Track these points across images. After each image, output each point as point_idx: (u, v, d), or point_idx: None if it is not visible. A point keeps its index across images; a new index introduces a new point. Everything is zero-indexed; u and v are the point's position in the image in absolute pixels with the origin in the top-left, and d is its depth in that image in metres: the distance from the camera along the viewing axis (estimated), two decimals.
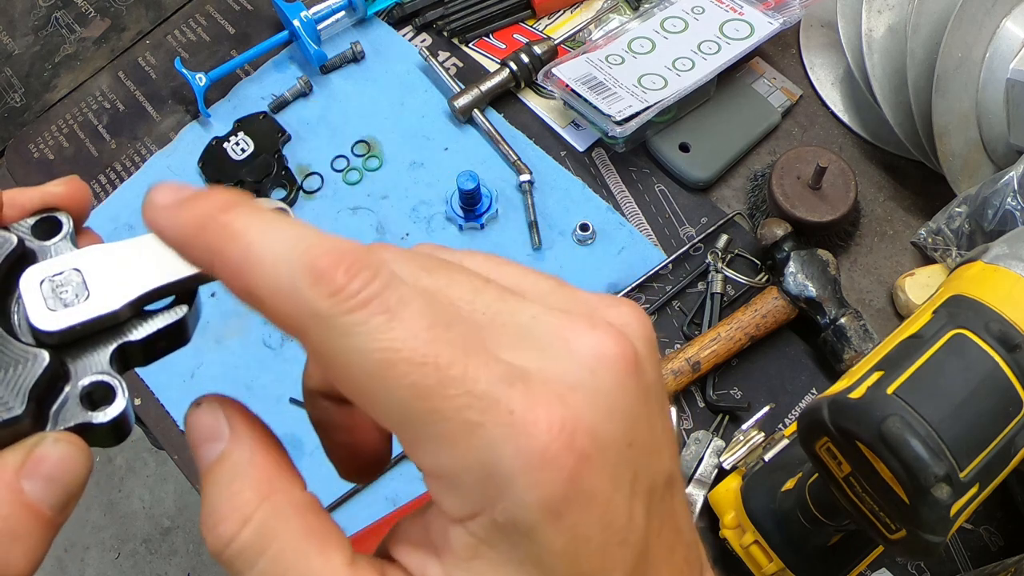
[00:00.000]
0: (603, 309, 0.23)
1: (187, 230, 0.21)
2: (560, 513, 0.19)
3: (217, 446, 0.22)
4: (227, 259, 0.20)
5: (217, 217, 0.20)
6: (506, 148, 0.85)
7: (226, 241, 0.20)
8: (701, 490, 0.69)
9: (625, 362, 0.21)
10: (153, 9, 0.99)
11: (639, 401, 0.21)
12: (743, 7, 0.87)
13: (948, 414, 0.42)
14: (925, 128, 0.77)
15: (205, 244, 0.21)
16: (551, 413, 0.19)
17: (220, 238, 0.20)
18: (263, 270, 0.20)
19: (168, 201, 0.21)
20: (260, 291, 0.20)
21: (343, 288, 0.19)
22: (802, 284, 0.73)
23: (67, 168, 0.89)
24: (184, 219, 0.21)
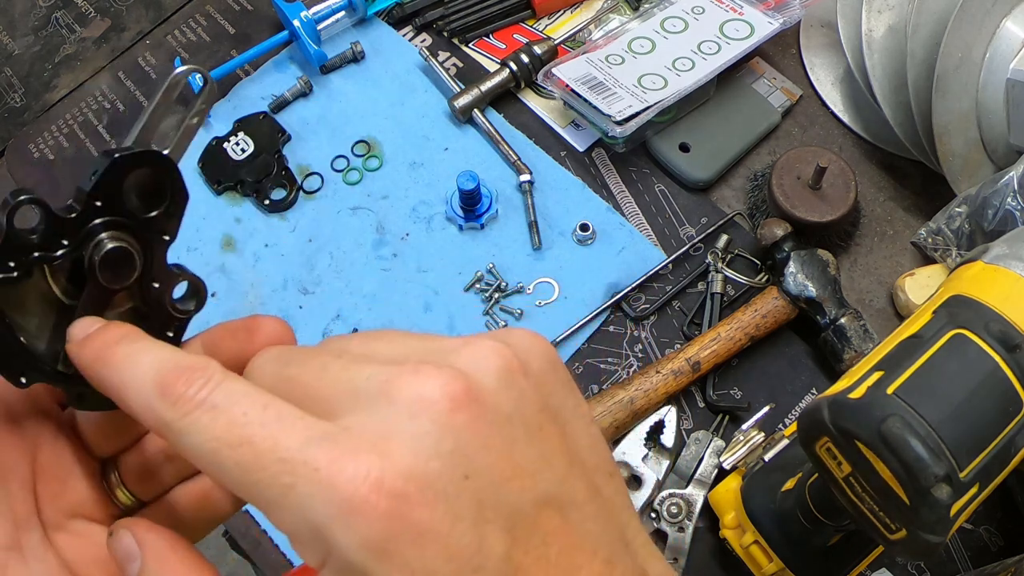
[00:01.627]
0: (452, 353, 0.25)
1: (85, 363, 0.28)
2: (388, 551, 0.21)
3: (134, 565, 0.26)
4: (109, 386, 0.27)
5: (102, 352, 0.27)
6: (506, 148, 0.85)
7: (107, 371, 0.27)
8: (701, 490, 0.69)
9: (451, 401, 0.23)
10: (153, 9, 0.99)
11: (477, 434, 0.23)
12: (743, 7, 0.87)
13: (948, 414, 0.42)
14: (925, 128, 0.77)
15: (96, 374, 0.27)
16: (357, 463, 0.22)
17: (104, 368, 0.27)
18: (130, 393, 0.25)
19: (78, 337, 0.28)
20: (132, 408, 0.25)
21: (182, 395, 0.24)
22: (802, 284, 0.73)
23: (67, 168, 0.89)
24: (84, 354, 0.28)
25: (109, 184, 0.29)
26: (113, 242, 0.29)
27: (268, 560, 0.70)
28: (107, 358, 0.27)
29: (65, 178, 0.89)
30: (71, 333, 0.28)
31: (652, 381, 0.71)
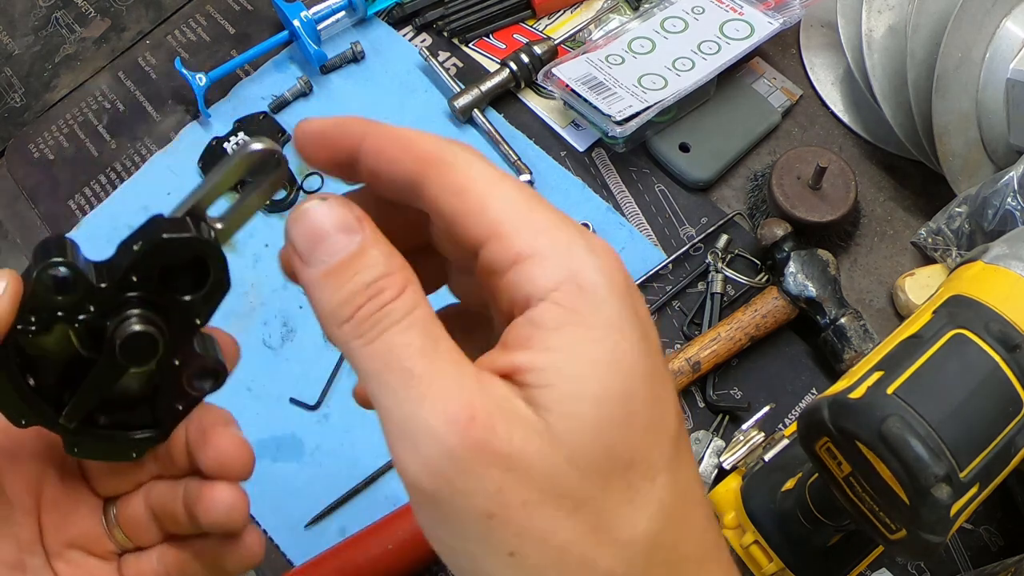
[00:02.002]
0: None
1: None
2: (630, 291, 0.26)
3: (354, 237, 0.25)
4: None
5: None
6: (506, 148, 0.85)
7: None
8: None
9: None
10: (153, 9, 0.99)
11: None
12: (743, 7, 0.87)
13: (948, 414, 0.42)
14: (925, 128, 0.77)
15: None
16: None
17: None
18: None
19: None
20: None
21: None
22: (802, 284, 0.73)
23: (67, 168, 0.89)
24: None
25: (149, 263, 0.28)
26: (139, 324, 0.28)
27: (268, 560, 0.70)
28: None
29: (65, 178, 0.89)
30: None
31: None
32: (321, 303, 0.25)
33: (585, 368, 0.23)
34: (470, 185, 0.26)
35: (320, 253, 0.24)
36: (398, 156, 0.26)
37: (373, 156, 0.27)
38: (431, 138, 0.27)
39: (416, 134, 0.27)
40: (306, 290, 0.25)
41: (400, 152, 0.26)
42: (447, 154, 0.26)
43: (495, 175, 0.26)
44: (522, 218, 0.25)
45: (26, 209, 0.88)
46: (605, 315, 0.24)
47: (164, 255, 0.28)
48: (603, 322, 0.24)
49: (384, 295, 0.24)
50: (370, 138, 0.27)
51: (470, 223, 0.25)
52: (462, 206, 0.25)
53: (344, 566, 0.66)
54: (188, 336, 0.30)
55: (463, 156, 0.26)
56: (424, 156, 0.26)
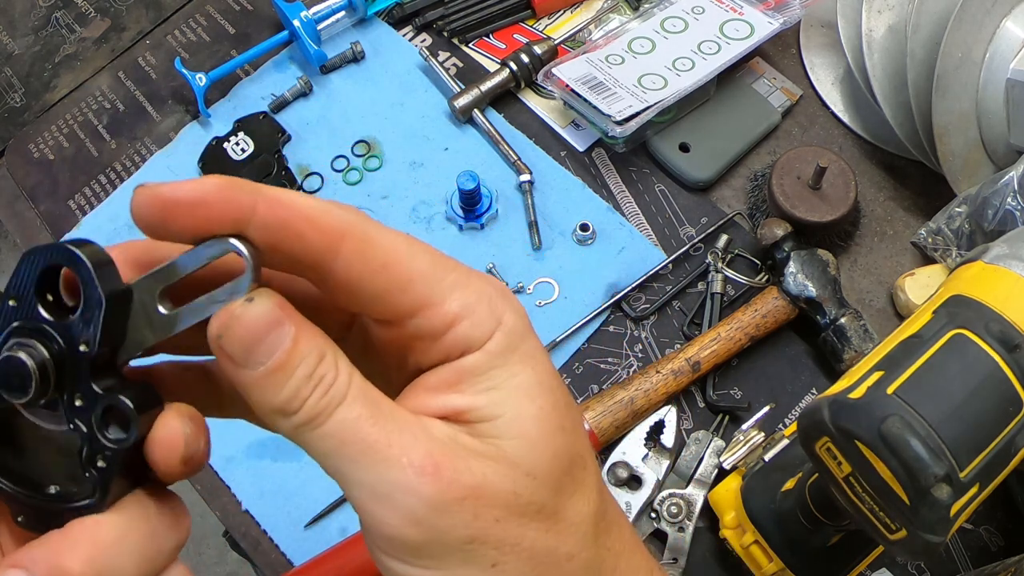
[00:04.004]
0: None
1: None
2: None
3: (285, 331, 0.24)
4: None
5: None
6: (506, 148, 0.85)
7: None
8: (701, 490, 0.69)
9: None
10: (153, 9, 0.99)
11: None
12: (743, 7, 0.87)
13: (948, 414, 0.42)
14: (925, 128, 0.77)
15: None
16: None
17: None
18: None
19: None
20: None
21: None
22: (802, 284, 0.73)
23: (67, 168, 0.89)
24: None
25: (21, 282, 0.26)
26: (11, 351, 0.25)
27: (268, 560, 0.70)
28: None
29: (65, 178, 0.89)
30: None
31: (652, 381, 0.71)
32: (264, 402, 0.24)
33: (520, 396, 0.26)
34: (391, 259, 0.25)
35: (256, 357, 0.24)
36: (301, 231, 0.24)
37: (271, 231, 0.24)
38: (332, 207, 0.25)
39: (316, 203, 0.25)
40: (244, 391, 0.24)
41: (304, 226, 0.24)
42: (358, 228, 0.25)
43: (405, 241, 0.26)
44: (444, 281, 0.26)
45: (26, 209, 0.88)
46: (525, 349, 0.27)
47: (31, 268, 0.25)
48: (524, 356, 0.27)
49: (326, 380, 0.24)
50: (263, 208, 0.24)
51: (398, 298, 0.26)
52: (387, 282, 0.25)
53: (344, 566, 0.66)
54: (85, 369, 0.26)
55: (373, 227, 0.26)
56: (335, 230, 0.25)
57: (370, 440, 0.24)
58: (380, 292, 0.26)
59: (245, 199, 0.24)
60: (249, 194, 0.24)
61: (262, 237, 0.24)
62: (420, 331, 0.26)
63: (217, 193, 0.24)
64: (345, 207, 0.26)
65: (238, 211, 0.24)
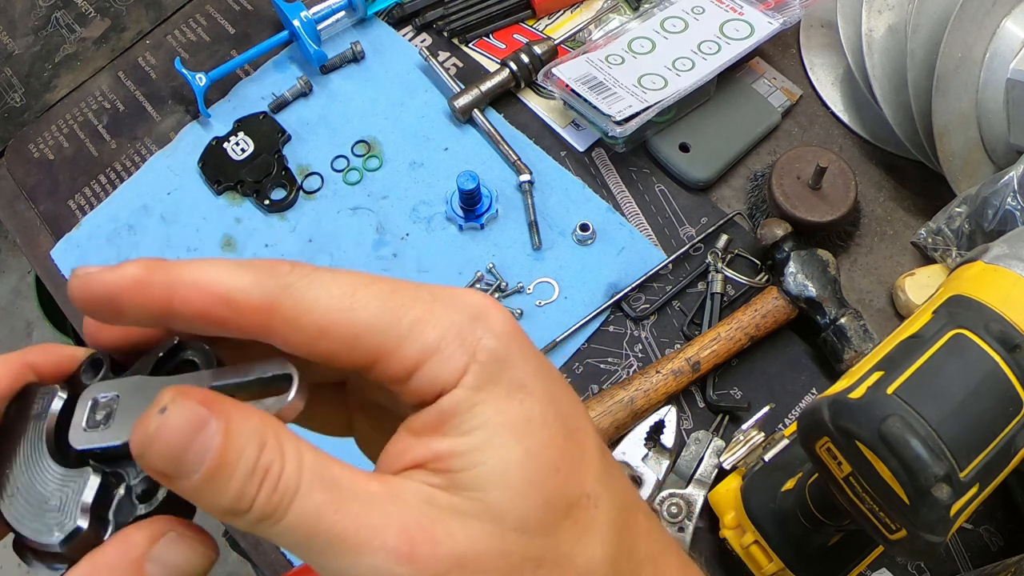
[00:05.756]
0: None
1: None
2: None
3: (212, 429, 0.22)
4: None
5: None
6: (506, 148, 0.85)
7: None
8: (701, 490, 0.69)
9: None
10: (153, 9, 0.99)
11: None
12: (743, 7, 0.87)
13: (948, 414, 0.42)
14: (925, 128, 0.77)
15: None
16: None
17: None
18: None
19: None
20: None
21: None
22: (802, 284, 0.73)
23: (67, 168, 0.89)
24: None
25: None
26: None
27: (268, 560, 0.70)
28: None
29: (65, 178, 0.89)
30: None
31: (652, 381, 0.71)
32: (211, 507, 0.22)
33: (504, 437, 0.24)
34: (328, 321, 0.23)
35: (186, 467, 0.22)
36: (225, 317, 0.23)
37: (193, 323, 0.23)
38: (254, 280, 0.23)
39: (234, 278, 0.23)
40: (189, 499, 0.23)
41: (225, 311, 0.23)
42: (283, 296, 0.23)
43: (347, 294, 0.24)
44: (398, 324, 0.24)
45: (26, 209, 0.88)
46: (507, 378, 0.24)
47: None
48: (507, 386, 0.24)
49: (272, 471, 0.22)
50: (180, 295, 0.23)
51: (348, 356, 0.24)
52: (330, 346, 0.24)
53: None
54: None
55: (304, 289, 0.24)
56: (257, 309, 0.23)
57: (336, 530, 0.22)
58: (327, 355, 0.24)
59: (158, 290, 0.23)
60: (164, 282, 0.23)
61: (187, 328, 0.24)
62: (384, 380, 0.24)
63: (132, 287, 0.23)
64: (273, 268, 0.24)
65: (154, 305, 0.23)
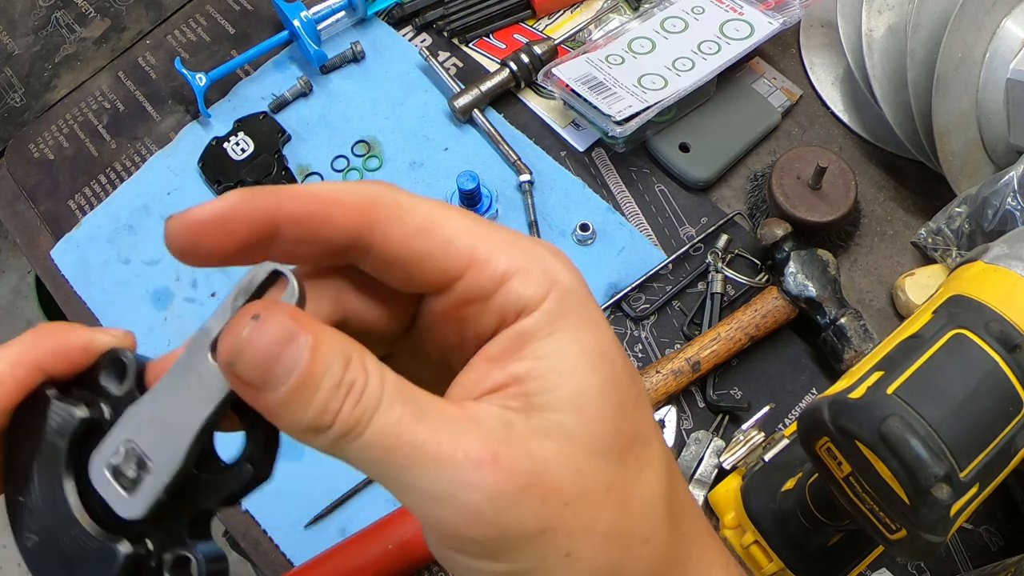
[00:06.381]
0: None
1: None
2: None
3: (302, 342, 0.22)
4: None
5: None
6: (506, 148, 0.85)
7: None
8: (701, 490, 0.69)
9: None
10: (153, 9, 0.99)
11: None
12: (743, 7, 0.87)
13: (948, 414, 0.42)
14: (925, 128, 0.77)
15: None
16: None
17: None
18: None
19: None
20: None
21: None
22: (802, 284, 0.73)
23: (67, 168, 0.89)
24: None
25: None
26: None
27: (268, 560, 0.70)
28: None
29: (65, 178, 0.89)
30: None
31: (652, 381, 0.71)
32: (293, 423, 0.22)
33: (581, 365, 0.24)
34: (427, 221, 0.25)
35: (275, 378, 0.22)
36: (332, 215, 0.24)
37: (300, 225, 0.24)
38: (356, 186, 0.25)
39: (338, 186, 0.25)
40: (270, 415, 0.23)
41: (333, 210, 0.24)
42: (386, 197, 0.25)
43: (439, 206, 0.26)
44: (489, 240, 0.25)
45: (26, 209, 0.88)
46: (585, 314, 0.25)
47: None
48: (585, 320, 0.25)
49: (356, 386, 0.22)
50: (288, 205, 0.24)
51: (441, 259, 0.25)
52: (427, 245, 0.25)
53: (344, 566, 0.66)
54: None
55: (401, 194, 0.25)
56: (364, 207, 0.25)
57: (417, 441, 0.22)
58: (422, 256, 0.25)
59: (268, 200, 0.24)
60: (271, 195, 0.24)
61: (294, 232, 0.24)
62: (469, 293, 0.25)
63: (240, 204, 0.24)
64: (373, 182, 0.26)
65: (264, 214, 0.24)
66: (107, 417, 0.25)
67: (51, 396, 0.25)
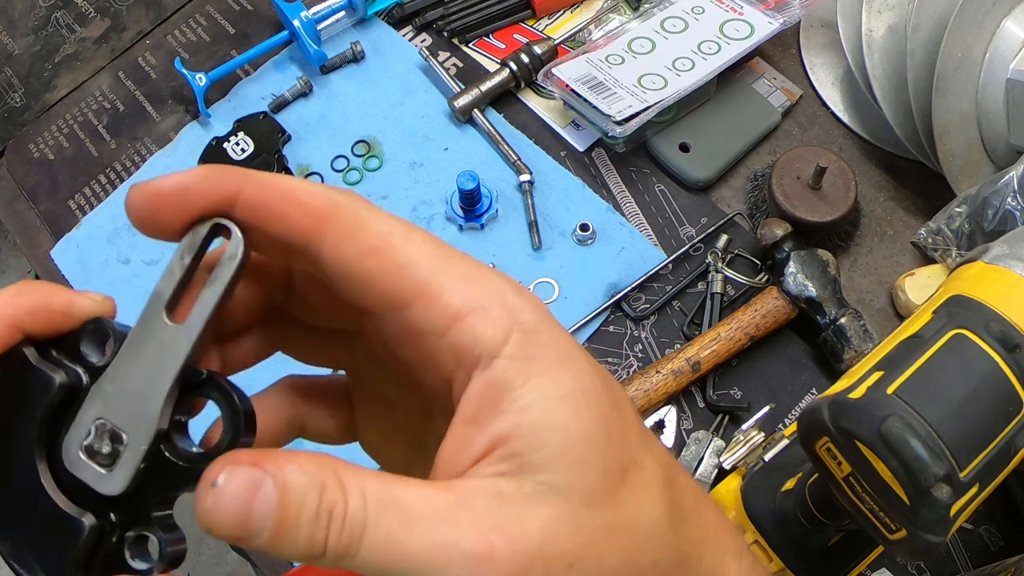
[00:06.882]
0: None
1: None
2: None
3: (267, 486, 0.22)
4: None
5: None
6: (506, 148, 0.85)
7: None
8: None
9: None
10: (153, 9, 0.99)
11: None
12: (743, 7, 0.87)
13: (948, 414, 0.42)
14: (925, 128, 0.77)
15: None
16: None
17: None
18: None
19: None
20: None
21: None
22: (802, 284, 0.73)
23: (67, 168, 0.89)
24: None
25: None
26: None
27: (268, 560, 0.70)
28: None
29: (65, 178, 0.89)
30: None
31: (652, 381, 0.71)
32: (290, 556, 0.23)
33: (565, 412, 0.23)
34: (382, 242, 0.24)
35: (254, 529, 0.22)
36: (286, 211, 0.24)
37: (254, 212, 0.24)
38: (321, 189, 0.24)
39: (302, 185, 0.24)
40: (268, 553, 0.23)
41: (289, 207, 0.24)
42: (345, 208, 0.24)
43: (403, 227, 0.24)
44: (446, 271, 0.24)
45: (26, 209, 0.88)
46: (555, 350, 0.24)
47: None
48: (557, 358, 0.24)
49: (336, 513, 0.22)
50: (249, 190, 0.24)
51: (390, 284, 0.24)
52: (376, 266, 0.24)
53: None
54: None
55: (364, 207, 0.24)
56: (320, 213, 0.24)
57: (410, 554, 0.22)
58: (370, 277, 0.24)
59: (230, 181, 0.24)
60: (233, 177, 0.24)
61: (247, 218, 0.24)
62: (419, 324, 0.24)
63: (201, 180, 0.23)
64: (341, 191, 0.24)
65: (223, 193, 0.24)
66: (85, 384, 0.24)
67: (30, 357, 0.25)
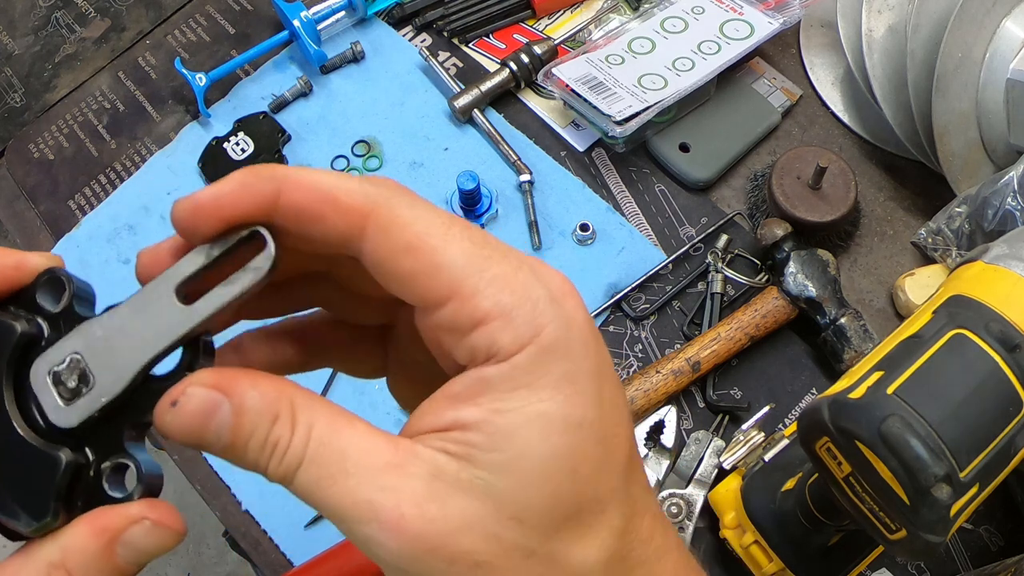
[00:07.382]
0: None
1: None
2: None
3: (224, 408, 0.23)
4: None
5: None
6: (506, 148, 0.85)
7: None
8: (701, 490, 0.69)
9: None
10: (153, 9, 0.99)
11: None
12: (743, 7, 0.87)
13: (948, 414, 0.42)
14: (925, 128, 0.77)
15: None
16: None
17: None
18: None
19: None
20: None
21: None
22: (802, 284, 0.73)
23: (67, 168, 0.89)
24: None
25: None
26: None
27: (268, 560, 0.70)
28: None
29: (65, 178, 0.89)
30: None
31: (652, 381, 0.71)
32: (240, 466, 0.24)
33: (533, 432, 0.24)
34: (419, 240, 0.24)
35: (208, 440, 0.24)
36: (323, 213, 0.24)
37: (293, 216, 0.24)
38: (359, 186, 0.24)
39: (341, 181, 0.24)
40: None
41: (326, 207, 0.24)
42: (383, 206, 0.24)
43: (441, 221, 0.24)
44: (480, 272, 0.24)
45: (26, 209, 0.88)
46: (561, 372, 0.24)
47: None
48: (559, 380, 0.24)
49: (280, 446, 0.24)
50: (286, 195, 0.24)
51: (424, 283, 0.24)
52: (412, 265, 0.24)
53: (344, 566, 0.66)
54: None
55: (403, 203, 0.24)
56: (356, 210, 0.24)
57: (330, 502, 0.23)
58: (405, 275, 0.24)
59: (267, 187, 0.24)
60: (270, 181, 0.24)
61: (286, 223, 0.24)
62: (445, 323, 0.24)
63: (237, 189, 0.24)
64: (380, 182, 0.25)
65: (260, 200, 0.24)
66: (45, 334, 0.25)
67: None
